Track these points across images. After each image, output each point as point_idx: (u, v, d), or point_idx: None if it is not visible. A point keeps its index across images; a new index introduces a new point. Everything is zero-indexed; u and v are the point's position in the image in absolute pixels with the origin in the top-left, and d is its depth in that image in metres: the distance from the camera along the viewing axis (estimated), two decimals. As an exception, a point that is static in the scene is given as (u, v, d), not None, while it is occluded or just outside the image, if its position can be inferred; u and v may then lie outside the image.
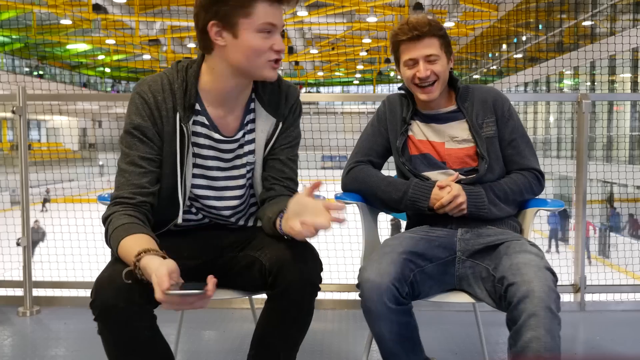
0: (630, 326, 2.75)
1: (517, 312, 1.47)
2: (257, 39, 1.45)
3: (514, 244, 1.68)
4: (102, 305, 1.31)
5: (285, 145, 1.65)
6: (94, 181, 15.86)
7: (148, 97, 1.51)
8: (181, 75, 1.53)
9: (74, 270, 3.68)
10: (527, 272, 1.51)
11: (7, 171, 6.40)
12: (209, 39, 1.48)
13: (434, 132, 1.91)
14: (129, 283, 1.30)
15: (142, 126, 1.50)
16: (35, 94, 3.39)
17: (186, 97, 1.52)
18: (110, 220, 1.44)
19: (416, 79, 1.83)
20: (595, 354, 2.38)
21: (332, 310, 2.89)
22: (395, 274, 1.59)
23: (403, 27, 1.83)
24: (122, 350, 1.37)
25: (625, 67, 14.93)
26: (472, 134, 1.86)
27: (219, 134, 1.58)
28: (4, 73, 20.46)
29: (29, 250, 2.93)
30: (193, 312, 2.77)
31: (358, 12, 20.16)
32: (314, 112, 8.60)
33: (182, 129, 1.51)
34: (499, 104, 1.90)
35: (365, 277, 1.60)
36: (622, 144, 14.32)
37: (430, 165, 1.89)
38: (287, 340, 1.52)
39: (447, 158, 1.88)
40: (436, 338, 2.51)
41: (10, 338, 2.60)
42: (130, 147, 1.50)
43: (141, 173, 1.49)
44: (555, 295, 1.49)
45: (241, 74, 1.51)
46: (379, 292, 1.56)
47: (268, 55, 1.47)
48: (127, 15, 20.20)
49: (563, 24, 18.02)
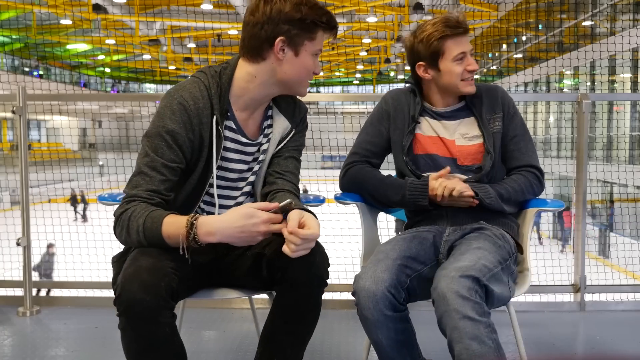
0: (630, 326, 2.75)
1: (442, 328, 1.51)
2: (311, 61, 1.60)
3: (464, 247, 1.69)
4: (129, 300, 1.33)
5: (292, 147, 1.73)
6: (94, 181, 15.86)
7: (188, 104, 1.54)
8: (215, 80, 1.59)
9: (74, 270, 3.69)
10: (443, 287, 1.51)
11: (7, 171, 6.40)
12: (268, 50, 1.56)
13: (444, 128, 1.93)
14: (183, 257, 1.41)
15: (175, 132, 1.52)
16: (35, 94, 3.39)
17: (221, 103, 1.58)
18: (132, 211, 1.46)
19: (466, 72, 1.87)
20: (595, 354, 2.38)
21: (332, 310, 2.89)
22: (390, 280, 1.58)
23: (450, 23, 1.85)
24: (143, 346, 1.39)
25: (625, 67, 14.93)
26: (481, 130, 1.90)
27: (245, 137, 1.65)
28: (4, 73, 20.45)
29: (29, 250, 2.93)
30: (193, 312, 2.78)
31: (358, 12, 20.15)
32: (314, 112, 8.59)
33: (218, 132, 1.57)
34: (506, 100, 1.96)
35: (360, 285, 1.59)
36: (622, 144, 14.33)
37: (435, 166, 1.89)
38: (294, 335, 1.54)
39: (458, 155, 1.90)
40: (436, 338, 2.50)
41: (10, 338, 2.60)
42: (157, 150, 1.51)
43: (161, 180, 1.51)
44: (473, 302, 1.47)
45: (282, 86, 1.62)
46: (374, 299, 1.55)
47: (310, 75, 1.64)
48: (127, 15, 20.18)
49: (563, 24, 18.02)
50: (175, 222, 1.43)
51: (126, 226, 1.46)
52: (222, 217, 1.42)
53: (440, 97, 1.94)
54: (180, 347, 1.47)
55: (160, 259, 1.41)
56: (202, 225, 1.40)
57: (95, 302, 2.99)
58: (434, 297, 1.54)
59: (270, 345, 1.55)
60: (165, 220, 1.43)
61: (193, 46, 26.49)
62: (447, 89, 1.91)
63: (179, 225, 1.42)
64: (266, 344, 1.56)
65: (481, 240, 1.71)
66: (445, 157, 1.91)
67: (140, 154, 1.53)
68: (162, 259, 1.41)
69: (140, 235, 1.44)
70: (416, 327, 1.69)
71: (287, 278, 1.48)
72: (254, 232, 1.40)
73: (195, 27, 22.19)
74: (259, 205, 1.43)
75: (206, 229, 1.40)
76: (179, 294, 1.43)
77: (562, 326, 2.71)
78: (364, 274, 1.61)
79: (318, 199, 1.98)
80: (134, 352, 1.41)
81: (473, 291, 1.49)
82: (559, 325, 2.71)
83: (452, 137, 1.92)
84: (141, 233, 1.44)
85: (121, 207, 1.49)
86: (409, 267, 1.66)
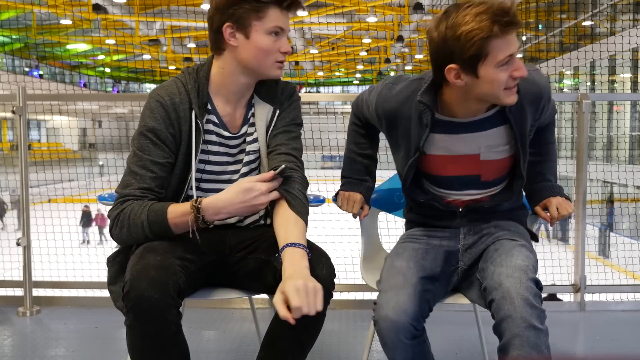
0: (630, 326, 2.75)
1: (501, 329, 1.45)
2: (267, 40, 1.56)
3: (505, 244, 1.63)
4: (138, 297, 1.34)
5: (281, 125, 1.67)
6: (94, 181, 15.86)
7: (164, 100, 1.57)
8: (192, 77, 1.62)
9: (74, 270, 3.68)
10: (509, 287, 1.46)
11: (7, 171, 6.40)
12: (222, 40, 1.58)
13: (464, 143, 1.61)
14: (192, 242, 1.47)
15: (156, 129, 1.55)
16: (35, 94, 3.40)
17: (199, 97, 1.60)
18: (129, 210, 1.49)
19: (511, 80, 1.46)
20: (595, 354, 2.38)
21: (332, 310, 2.89)
22: (413, 313, 1.51)
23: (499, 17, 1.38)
24: (148, 343, 1.39)
25: (625, 67, 14.94)
26: (518, 146, 1.60)
27: (227, 131, 1.65)
28: (4, 73, 20.45)
29: (29, 250, 2.93)
30: (193, 312, 2.78)
31: (358, 12, 20.15)
32: (314, 112, 8.59)
33: (197, 125, 1.58)
34: (543, 100, 1.62)
35: (382, 315, 1.52)
36: (622, 144, 14.32)
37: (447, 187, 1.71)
38: (297, 344, 1.54)
39: (482, 172, 1.65)
40: (436, 338, 2.50)
41: (10, 338, 2.60)
42: (143, 149, 1.55)
43: (152, 177, 1.54)
44: (538, 311, 1.43)
45: (249, 73, 1.60)
46: (396, 330, 1.50)
47: (275, 56, 1.59)
48: (127, 15, 20.19)
49: (563, 24, 18.02)
50: (178, 210, 1.49)
51: (127, 225, 1.49)
52: (224, 196, 1.49)
53: (465, 106, 1.56)
54: (184, 346, 1.47)
55: (167, 256, 1.43)
56: (207, 208, 1.47)
57: (95, 302, 2.99)
58: (495, 296, 1.46)
59: (272, 351, 1.55)
60: (168, 210, 1.48)
61: (193, 46, 26.50)
62: (482, 99, 1.52)
63: (184, 211, 1.48)
64: (268, 350, 1.56)
65: (514, 233, 1.68)
66: (463, 175, 1.65)
67: (129, 156, 1.58)
68: (169, 257, 1.43)
69: (146, 229, 1.48)
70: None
71: None
72: (256, 205, 1.49)
73: (195, 27, 22.18)
74: (256, 177, 1.50)
75: (212, 210, 1.48)
76: (185, 293, 1.45)
77: (562, 326, 2.71)
78: (386, 303, 1.52)
79: (318, 199, 1.98)
80: (139, 349, 1.42)
81: (538, 297, 1.45)
82: (559, 325, 2.70)
83: (475, 151, 1.61)
84: (147, 227, 1.48)
85: (116, 208, 1.52)
86: (428, 290, 1.59)
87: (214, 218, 1.49)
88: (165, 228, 1.48)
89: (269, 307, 2.79)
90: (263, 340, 1.58)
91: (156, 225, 1.48)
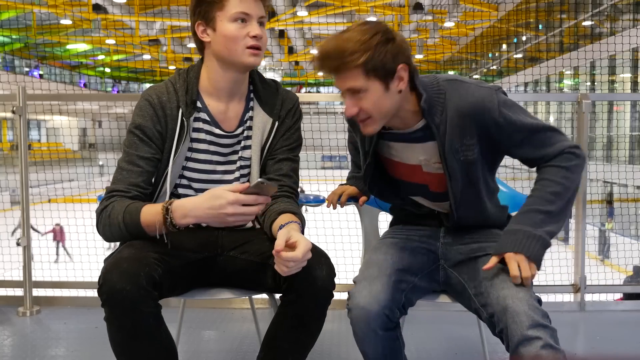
0: (630, 326, 2.75)
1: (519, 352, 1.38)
2: (231, 27, 1.57)
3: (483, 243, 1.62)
4: (110, 290, 1.35)
5: (285, 147, 1.70)
6: (94, 181, 15.85)
7: (152, 99, 1.61)
8: (182, 77, 1.66)
9: (74, 270, 3.68)
10: (518, 311, 1.39)
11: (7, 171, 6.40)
12: (199, 40, 1.63)
13: (407, 152, 1.63)
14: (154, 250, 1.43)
15: (142, 125, 1.59)
16: (35, 94, 3.40)
17: (187, 95, 1.62)
18: (111, 208, 1.52)
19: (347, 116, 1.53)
20: (595, 354, 2.38)
21: (332, 310, 2.87)
22: (386, 301, 1.52)
23: (315, 62, 1.50)
24: (127, 336, 1.40)
25: (625, 67, 14.94)
26: (442, 161, 1.56)
27: (219, 129, 1.66)
28: (4, 73, 20.45)
29: (29, 250, 2.93)
30: (193, 312, 2.78)
31: (358, 12, 20.14)
32: (314, 112, 8.59)
33: (182, 123, 1.60)
34: (479, 117, 1.50)
35: (355, 303, 1.53)
36: (622, 144, 14.33)
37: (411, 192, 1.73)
38: (297, 345, 1.55)
39: (428, 182, 1.66)
40: (436, 338, 2.51)
41: (10, 338, 2.60)
42: (130, 146, 1.59)
43: (138, 172, 1.57)
44: (544, 320, 1.41)
45: (227, 65, 1.61)
46: (367, 319, 1.51)
47: (245, 41, 1.58)
48: (127, 15, 20.18)
49: (563, 24, 18.02)
50: (151, 210, 1.48)
51: (108, 223, 1.52)
52: (194, 199, 1.46)
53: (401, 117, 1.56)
54: (167, 339, 1.47)
55: (142, 250, 1.44)
56: (176, 209, 1.44)
57: (95, 302, 2.96)
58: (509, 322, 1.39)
59: (272, 352, 1.55)
60: (142, 210, 1.48)
61: (193, 46, 26.44)
62: None
63: (156, 212, 1.46)
64: (268, 351, 1.56)
65: None
66: (415, 182, 1.67)
67: (121, 155, 1.61)
68: (145, 251, 1.44)
69: (122, 230, 1.49)
70: (416, 327, 1.69)
71: (294, 289, 1.48)
72: (221, 214, 1.40)
73: (195, 27, 22.15)
74: (230, 186, 1.41)
75: (180, 211, 1.44)
76: (163, 286, 1.43)
77: (562, 326, 2.71)
78: (359, 292, 1.54)
79: (318, 199, 1.98)
80: (118, 342, 1.42)
81: (540, 310, 1.42)
82: (559, 325, 2.70)
83: (416, 162, 1.63)
84: (123, 228, 1.49)
85: (101, 205, 1.55)
86: (404, 280, 1.60)
87: (182, 222, 1.44)
88: (138, 228, 1.48)
89: (269, 307, 2.79)
90: (263, 340, 1.58)
91: (130, 226, 1.48)
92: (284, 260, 1.37)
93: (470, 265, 1.62)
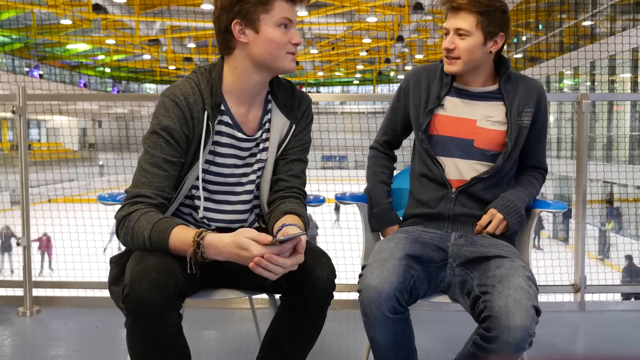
0: (630, 326, 2.75)
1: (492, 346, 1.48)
2: (277, 32, 1.55)
3: (507, 264, 1.63)
4: (138, 299, 1.33)
5: (297, 148, 1.71)
6: (94, 181, 15.86)
7: (180, 100, 1.55)
8: (205, 77, 1.60)
9: (74, 270, 3.69)
10: (514, 312, 1.47)
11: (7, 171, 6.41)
12: (232, 38, 1.56)
13: (468, 108, 1.86)
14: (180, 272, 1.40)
15: (170, 128, 1.53)
16: (35, 94, 3.40)
17: (212, 97, 1.58)
18: (136, 218, 1.46)
19: (444, 49, 1.84)
20: (595, 354, 2.38)
21: (332, 310, 2.87)
22: (397, 283, 1.56)
23: None
24: (149, 346, 1.39)
25: (625, 67, 14.93)
26: (508, 119, 1.82)
27: (242, 132, 1.63)
28: (4, 73, 20.45)
29: (29, 250, 2.93)
30: (193, 312, 2.78)
31: (358, 12, 20.15)
32: (314, 112, 8.57)
33: (208, 127, 1.56)
34: (542, 97, 1.88)
35: (366, 284, 1.57)
36: (622, 144, 14.32)
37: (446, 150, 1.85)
38: (297, 345, 1.55)
39: (476, 136, 1.83)
40: (436, 338, 2.51)
41: (10, 338, 2.60)
42: (155, 147, 1.53)
43: (163, 176, 1.52)
44: (530, 338, 1.48)
45: (263, 68, 1.59)
46: (378, 300, 1.54)
47: (287, 47, 1.57)
48: (127, 15, 20.18)
49: (563, 24, 18.02)
50: (181, 237, 1.43)
51: (131, 234, 1.47)
52: (225, 240, 1.40)
53: (477, 77, 1.86)
54: (185, 348, 1.46)
55: (166, 258, 1.42)
56: (208, 246, 1.40)
57: (95, 302, 2.99)
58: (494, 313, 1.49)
59: (272, 352, 1.55)
60: (172, 233, 1.43)
61: (193, 46, 26.48)
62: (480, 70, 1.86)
63: (186, 241, 1.42)
64: (268, 351, 1.56)
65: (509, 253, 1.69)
66: (460, 138, 1.84)
67: (141, 154, 1.55)
68: (169, 258, 1.42)
69: (147, 245, 1.45)
70: (416, 327, 1.69)
71: (294, 290, 1.49)
72: (246, 263, 1.38)
73: (195, 27, 22.19)
74: (255, 236, 1.37)
75: (213, 250, 1.40)
76: (185, 294, 1.44)
77: (562, 326, 2.71)
78: (370, 273, 1.59)
79: (318, 199, 1.97)
80: (139, 351, 1.41)
81: (535, 323, 1.48)
82: (559, 325, 2.70)
83: (474, 117, 1.84)
84: (148, 245, 1.44)
85: (123, 210, 1.49)
86: (413, 266, 1.65)
87: (214, 257, 1.42)
88: (165, 249, 1.44)
89: (269, 307, 2.79)
90: (263, 340, 1.58)
91: (157, 245, 1.44)
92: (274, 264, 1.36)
93: (482, 263, 1.68)
